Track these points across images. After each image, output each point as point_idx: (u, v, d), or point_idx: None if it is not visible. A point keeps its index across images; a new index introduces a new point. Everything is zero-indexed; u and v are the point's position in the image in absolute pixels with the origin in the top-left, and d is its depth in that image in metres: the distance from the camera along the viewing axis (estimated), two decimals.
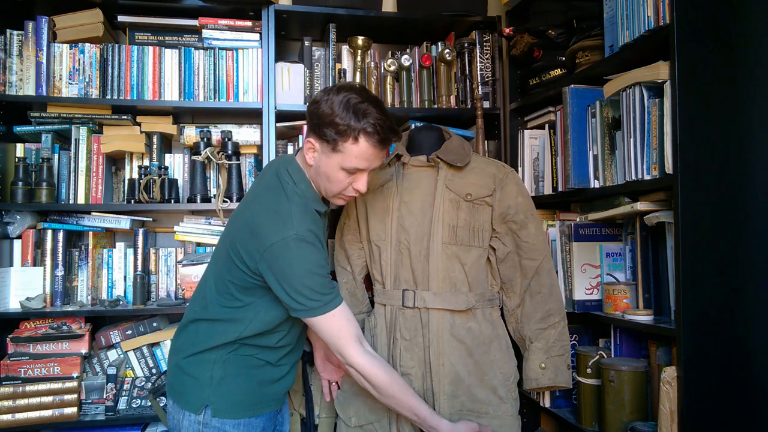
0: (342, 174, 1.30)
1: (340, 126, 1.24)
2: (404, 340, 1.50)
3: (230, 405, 1.34)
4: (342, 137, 1.25)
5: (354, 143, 1.25)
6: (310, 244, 1.26)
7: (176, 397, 1.38)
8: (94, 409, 1.91)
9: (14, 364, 1.86)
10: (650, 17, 1.40)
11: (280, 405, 1.46)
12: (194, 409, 1.33)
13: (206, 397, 1.33)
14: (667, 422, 1.34)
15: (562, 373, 1.52)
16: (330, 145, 1.27)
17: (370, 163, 1.30)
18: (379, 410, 1.52)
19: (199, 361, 1.35)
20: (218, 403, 1.33)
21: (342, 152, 1.27)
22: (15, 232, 1.95)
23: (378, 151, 1.29)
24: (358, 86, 1.33)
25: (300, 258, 1.25)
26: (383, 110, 1.28)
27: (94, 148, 1.99)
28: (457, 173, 1.54)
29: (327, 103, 1.25)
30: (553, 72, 1.95)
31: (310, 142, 1.31)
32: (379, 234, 1.56)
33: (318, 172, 1.33)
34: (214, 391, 1.33)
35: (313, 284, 1.27)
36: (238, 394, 1.35)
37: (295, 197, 1.32)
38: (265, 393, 1.39)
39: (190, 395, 1.35)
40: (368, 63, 2.15)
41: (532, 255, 1.52)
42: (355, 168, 1.29)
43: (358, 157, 1.27)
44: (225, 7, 2.02)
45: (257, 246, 1.27)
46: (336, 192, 1.34)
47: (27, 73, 1.93)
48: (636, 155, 1.48)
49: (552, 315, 1.53)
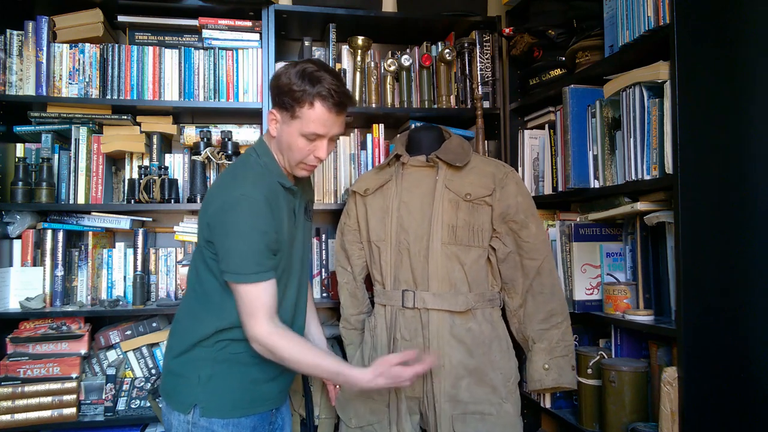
0: (302, 141, 1.32)
1: (296, 93, 1.28)
2: (404, 340, 1.50)
3: (219, 404, 1.32)
4: (299, 103, 1.29)
5: (310, 108, 1.29)
6: (258, 208, 1.27)
7: (167, 398, 1.38)
8: (93, 410, 1.91)
9: (13, 364, 1.86)
10: (650, 17, 1.40)
11: (274, 405, 1.43)
12: (183, 408, 1.32)
13: (195, 396, 1.32)
14: (668, 423, 1.34)
15: (566, 374, 1.52)
16: (289, 113, 1.31)
17: (328, 129, 1.32)
18: (379, 411, 1.52)
19: (187, 360, 1.34)
20: (207, 402, 1.32)
21: (300, 118, 1.30)
22: (15, 232, 1.95)
23: (334, 116, 1.31)
24: (316, 59, 1.38)
25: (244, 218, 1.26)
26: (338, 78, 1.32)
27: (94, 148, 1.99)
28: (456, 173, 1.54)
29: (286, 75, 1.30)
30: (553, 72, 1.95)
31: (272, 113, 1.35)
32: (379, 234, 1.56)
33: (281, 142, 1.35)
34: (203, 390, 1.32)
35: (249, 249, 1.26)
36: (227, 393, 1.33)
37: (257, 167, 1.36)
38: (256, 392, 1.37)
39: (179, 395, 1.34)
40: (368, 63, 2.14)
41: (534, 255, 1.52)
42: (314, 133, 1.31)
43: (315, 122, 1.30)
44: (225, 7, 2.02)
45: (208, 207, 1.31)
46: (298, 160, 1.35)
47: (27, 73, 1.93)
48: (636, 155, 1.48)
49: (555, 315, 1.52)
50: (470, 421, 1.45)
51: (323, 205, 2.07)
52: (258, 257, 1.28)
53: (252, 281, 1.27)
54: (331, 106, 1.30)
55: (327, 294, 2.13)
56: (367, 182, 1.65)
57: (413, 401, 1.51)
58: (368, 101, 2.14)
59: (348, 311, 1.70)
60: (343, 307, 1.71)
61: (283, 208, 1.35)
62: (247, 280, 1.27)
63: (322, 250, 2.15)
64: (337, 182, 2.11)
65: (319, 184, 2.08)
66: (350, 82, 2.15)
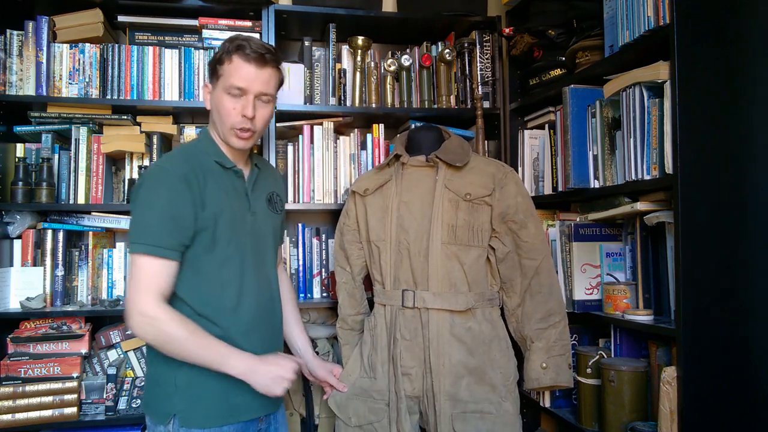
0: (227, 99, 1.30)
1: (218, 54, 1.32)
2: (404, 340, 1.50)
3: (198, 413, 1.27)
4: (220, 63, 1.31)
5: (229, 63, 1.30)
6: (170, 181, 1.25)
7: (147, 409, 1.33)
8: (94, 409, 1.91)
9: (14, 364, 1.86)
10: (650, 17, 1.40)
11: (260, 413, 1.36)
12: (162, 419, 1.27)
13: (173, 405, 1.27)
14: (667, 422, 1.34)
15: (563, 373, 1.52)
16: (215, 76, 1.33)
17: (249, 83, 1.30)
18: (379, 410, 1.52)
19: (162, 366, 1.29)
20: (185, 411, 1.26)
21: (222, 75, 1.31)
22: (15, 232, 1.95)
23: (254, 68, 1.30)
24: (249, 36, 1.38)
25: (152, 189, 1.25)
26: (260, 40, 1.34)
27: (94, 148, 1.99)
28: (456, 173, 1.54)
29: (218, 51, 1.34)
30: (553, 72, 1.95)
31: (207, 85, 1.38)
32: (379, 234, 1.57)
33: (213, 112, 1.36)
34: (181, 399, 1.27)
35: (153, 220, 1.23)
36: (206, 401, 1.28)
37: (187, 146, 1.38)
38: (237, 399, 1.30)
39: (158, 405, 1.29)
40: (368, 63, 2.15)
41: (532, 255, 1.52)
42: (234, 86, 1.29)
43: (234, 75, 1.29)
44: (225, 7, 2.02)
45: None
46: (229, 125, 1.32)
47: (27, 73, 1.93)
48: (636, 155, 1.48)
49: (552, 314, 1.53)
50: (470, 419, 1.45)
51: (323, 205, 2.08)
52: (160, 230, 1.23)
53: (150, 253, 1.22)
54: (248, 57, 1.29)
55: (327, 294, 2.13)
56: (366, 182, 1.65)
57: (413, 400, 1.51)
58: (368, 101, 2.14)
59: (345, 311, 1.70)
60: (341, 307, 1.71)
61: (219, 188, 1.32)
62: (144, 251, 1.22)
63: (322, 250, 2.15)
64: (336, 182, 2.11)
65: (319, 184, 2.09)
66: (350, 82, 2.16)
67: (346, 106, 2.13)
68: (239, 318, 1.33)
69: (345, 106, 2.13)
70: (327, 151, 2.10)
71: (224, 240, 1.31)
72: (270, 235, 1.46)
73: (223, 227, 1.31)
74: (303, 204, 2.07)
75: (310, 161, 2.08)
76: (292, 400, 2.04)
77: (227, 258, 1.32)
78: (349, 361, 1.63)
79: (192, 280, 1.29)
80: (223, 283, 1.31)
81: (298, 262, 2.13)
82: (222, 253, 1.31)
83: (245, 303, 1.34)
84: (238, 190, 1.37)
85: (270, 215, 1.46)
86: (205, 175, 1.30)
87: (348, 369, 1.62)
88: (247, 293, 1.35)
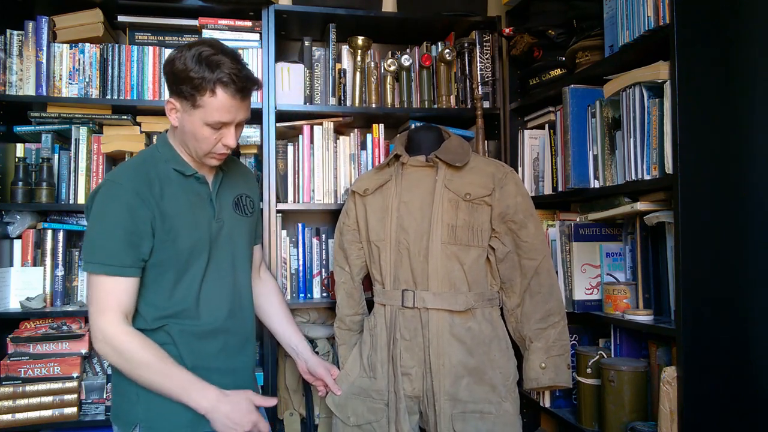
0: (207, 130, 1.23)
1: (195, 80, 1.19)
2: (404, 340, 1.50)
3: (161, 422, 1.24)
4: (199, 91, 1.19)
5: (212, 96, 1.20)
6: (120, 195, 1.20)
7: (114, 419, 1.29)
8: (94, 409, 1.91)
9: (14, 364, 1.86)
10: (650, 17, 1.40)
11: None
12: (126, 428, 1.24)
13: (136, 414, 1.24)
14: (667, 422, 1.34)
15: (562, 373, 1.52)
16: (189, 102, 1.21)
17: (233, 116, 1.24)
18: (378, 410, 1.52)
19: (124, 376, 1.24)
20: (147, 420, 1.23)
21: (202, 107, 1.21)
22: (15, 232, 1.95)
23: (238, 102, 1.23)
24: (212, 40, 1.28)
25: (103, 204, 1.21)
26: (238, 60, 1.23)
27: (94, 148, 1.99)
28: (456, 173, 1.54)
29: (180, 60, 1.20)
30: (553, 72, 1.95)
31: (170, 102, 1.25)
32: (379, 234, 1.57)
33: (184, 132, 1.26)
34: (144, 408, 1.23)
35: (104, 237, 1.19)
36: (168, 410, 1.23)
37: (143, 154, 1.32)
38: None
39: (122, 414, 1.27)
40: (368, 63, 2.15)
41: (532, 255, 1.52)
42: (218, 122, 1.22)
43: (219, 110, 1.21)
44: (225, 7, 2.02)
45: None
46: (206, 150, 1.27)
47: (27, 73, 1.93)
48: (636, 155, 1.48)
49: (552, 315, 1.52)
50: (470, 420, 1.45)
51: (323, 205, 2.08)
52: (114, 248, 1.19)
53: (106, 272, 1.18)
54: (234, 93, 1.21)
55: (327, 294, 2.13)
56: (366, 182, 1.65)
57: (413, 400, 1.51)
58: (368, 101, 2.14)
59: (343, 311, 1.70)
60: (339, 307, 1.71)
61: (179, 197, 1.27)
62: (100, 271, 1.18)
63: (322, 250, 2.15)
64: (336, 182, 2.11)
65: (319, 184, 2.09)
66: (350, 82, 2.16)
67: (346, 106, 2.13)
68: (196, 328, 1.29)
69: (345, 106, 2.13)
70: (327, 151, 2.10)
71: (184, 251, 1.27)
72: (241, 240, 1.42)
73: (182, 238, 1.26)
74: (303, 204, 2.07)
75: (310, 161, 2.08)
76: (292, 399, 2.04)
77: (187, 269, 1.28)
78: (348, 361, 1.63)
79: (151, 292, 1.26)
80: (182, 295, 1.28)
81: (298, 262, 2.13)
82: (182, 265, 1.27)
83: (204, 313, 1.30)
84: (201, 196, 1.32)
85: (239, 219, 1.41)
86: (162, 186, 1.26)
87: (347, 369, 1.62)
88: (206, 303, 1.31)
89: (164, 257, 1.26)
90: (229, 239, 1.37)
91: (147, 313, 1.27)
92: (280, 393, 2.03)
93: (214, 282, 1.33)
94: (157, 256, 1.25)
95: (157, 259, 1.25)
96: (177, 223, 1.26)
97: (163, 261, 1.26)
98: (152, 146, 1.34)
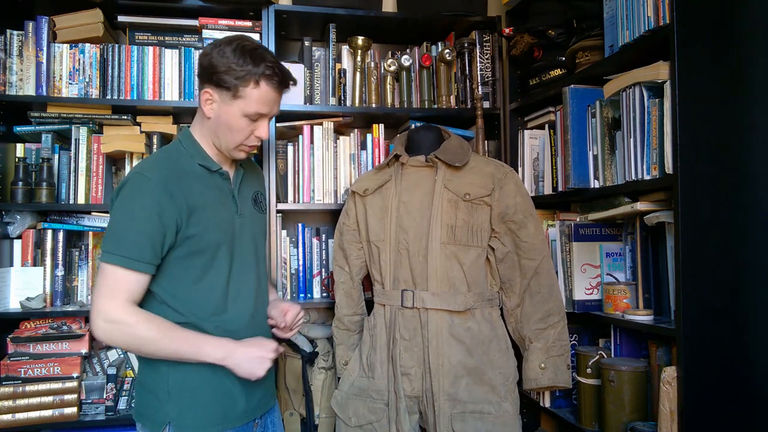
0: (244, 121, 1.27)
1: (239, 71, 1.22)
2: (404, 340, 1.50)
3: (193, 420, 1.24)
4: (243, 82, 1.23)
5: (255, 87, 1.24)
6: (148, 188, 1.21)
7: (140, 419, 1.29)
8: (94, 409, 1.91)
9: (14, 364, 1.86)
10: (650, 17, 1.40)
11: (254, 415, 1.34)
12: (155, 427, 1.24)
13: (166, 413, 1.24)
14: (667, 422, 1.34)
15: (561, 373, 1.52)
16: (230, 92, 1.24)
17: (270, 108, 1.29)
18: (379, 410, 1.52)
19: (153, 372, 1.26)
20: (179, 419, 1.23)
21: (243, 98, 1.24)
22: (15, 232, 1.95)
23: (278, 95, 1.29)
24: (242, 35, 1.31)
25: (131, 197, 1.21)
26: (275, 56, 1.30)
27: (94, 148, 1.99)
28: (455, 173, 1.54)
29: (220, 53, 1.23)
30: (553, 72, 1.95)
31: (207, 92, 1.26)
32: (378, 234, 1.57)
33: (218, 123, 1.28)
34: (174, 406, 1.24)
35: (130, 230, 1.19)
36: (200, 407, 1.25)
37: (168, 149, 1.32)
38: (231, 404, 1.28)
39: (151, 413, 1.26)
40: (368, 63, 2.15)
41: (532, 255, 1.52)
42: (257, 113, 1.26)
43: (259, 102, 1.25)
44: (225, 7, 2.02)
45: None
46: (238, 141, 1.29)
47: (27, 73, 1.93)
48: (636, 155, 1.48)
49: (551, 315, 1.53)
50: (469, 420, 1.45)
51: (323, 205, 2.08)
52: (136, 243, 1.19)
53: (123, 265, 1.18)
54: (276, 86, 1.26)
55: (327, 294, 2.13)
56: (366, 182, 1.66)
57: (412, 400, 1.51)
58: (368, 101, 2.14)
59: (342, 311, 1.70)
60: (338, 307, 1.71)
61: (205, 192, 1.29)
62: (118, 262, 1.18)
63: (322, 250, 2.15)
64: (336, 182, 2.11)
65: (319, 184, 2.09)
66: (350, 82, 2.16)
67: (346, 106, 2.13)
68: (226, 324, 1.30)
69: (345, 106, 2.13)
70: (327, 151, 2.10)
71: (212, 245, 1.28)
72: (261, 236, 1.44)
73: (210, 232, 1.27)
74: (303, 204, 2.07)
75: (310, 161, 2.08)
76: (292, 400, 2.04)
77: (213, 263, 1.28)
78: (351, 361, 1.64)
79: (178, 285, 1.27)
80: (209, 289, 1.28)
81: (298, 262, 2.13)
82: (209, 258, 1.28)
83: (232, 309, 1.31)
84: (224, 192, 1.34)
85: (257, 216, 1.43)
86: (189, 181, 1.27)
87: (349, 369, 1.62)
88: (234, 298, 1.31)
89: (194, 249, 1.26)
90: (251, 235, 1.39)
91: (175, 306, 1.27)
92: (280, 393, 2.03)
93: (239, 278, 1.34)
94: (183, 248, 1.26)
95: (183, 252, 1.26)
96: (205, 216, 1.27)
97: (189, 254, 1.26)
98: (175, 141, 1.35)
